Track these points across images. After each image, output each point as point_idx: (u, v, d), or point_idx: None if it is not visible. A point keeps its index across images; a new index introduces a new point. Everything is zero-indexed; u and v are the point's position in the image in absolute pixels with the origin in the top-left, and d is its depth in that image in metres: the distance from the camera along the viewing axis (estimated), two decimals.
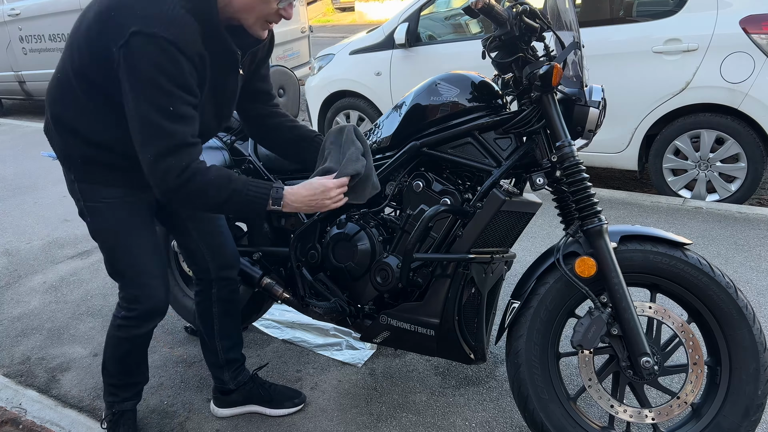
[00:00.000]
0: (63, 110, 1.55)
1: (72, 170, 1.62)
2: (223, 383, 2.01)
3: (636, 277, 1.66)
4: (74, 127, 1.55)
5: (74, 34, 1.49)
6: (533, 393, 1.71)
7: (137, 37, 1.32)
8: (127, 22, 1.34)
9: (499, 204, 1.66)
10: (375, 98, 4.70)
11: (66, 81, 1.52)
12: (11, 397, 2.20)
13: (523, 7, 1.59)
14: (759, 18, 3.29)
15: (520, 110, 1.72)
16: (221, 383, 2.02)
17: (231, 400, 2.04)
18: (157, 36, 1.32)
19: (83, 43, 1.45)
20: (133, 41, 1.33)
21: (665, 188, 3.82)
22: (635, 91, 3.66)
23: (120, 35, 1.34)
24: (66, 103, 1.54)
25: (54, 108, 1.57)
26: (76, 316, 2.77)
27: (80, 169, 1.61)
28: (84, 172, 1.61)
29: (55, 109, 1.57)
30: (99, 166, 1.60)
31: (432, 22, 4.70)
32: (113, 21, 1.36)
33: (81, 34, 1.46)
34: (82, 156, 1.58)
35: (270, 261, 2.15)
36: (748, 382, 1.57)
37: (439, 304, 1.78)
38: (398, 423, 1.98)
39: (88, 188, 1.63)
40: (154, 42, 1.33)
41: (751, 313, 1.58)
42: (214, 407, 2.07)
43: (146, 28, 1.32)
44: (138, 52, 1.34)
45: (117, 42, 1.35)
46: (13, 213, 4.15)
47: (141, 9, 1.34)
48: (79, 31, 1.47)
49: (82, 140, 1.56)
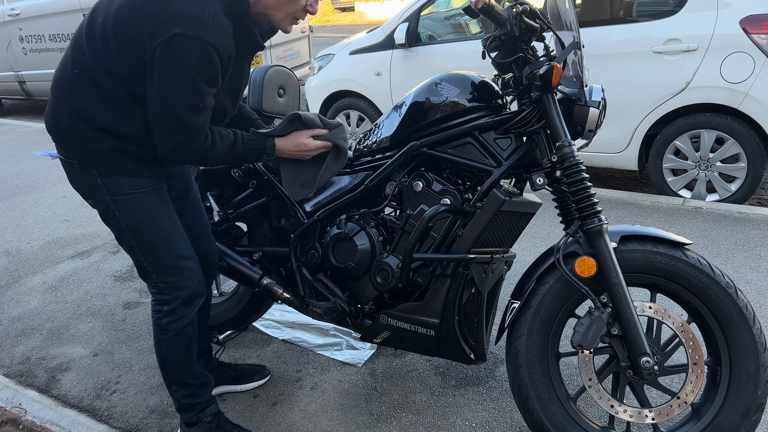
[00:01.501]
0: (85, 103, 1.53)
1: (94, 165, 1.59)
2: None
3: (636, 277, 1.66)
4: (99, 119, 1.53)
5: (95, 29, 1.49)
6: (533, 393, 1.71)
7: (180, 38, 1.38)
8: (170, 21, 1.38)
9: (499, 204, 1.66)
10: (375, 98, 4.70)
11: (86, 75, 1.51)
12: (11, 397, 2.20)
13: (523, 7, 1.59)
14: (759, 18, 3.30)
15: (520, 110, 1.72)
16: None
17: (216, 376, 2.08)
18: (201, 39, 1.39)
19: (111, 36, 1.46)
20: (176, 41, 1.38)
21: (665, 188, 3.82)
22: (635, 91, 3.66)
23: (159, 32, 1.39)
24: (88, 96, 1.53)
25: (72, 102, 1.54)
26: (76, 316, 2.77)
27: (106, 162, 1.58)
28: (110, 164, 1.59)
29: (74, 103, 1.54)
30: (127, 157, 1.59)
31: (432, 22, 4.70)
32: (152, 17, 1.40)
33: (108, 27, 1.46)
34: (111, 147, 1.56)
35: (270, 261, 2.15)
36: (748, 382, 1.57)
37: (439, 304, 1.78)
38: (398, 423, 1.98)
39: (113, 181, 1.61)
40: (197, 45, 1.40)
41: (751, 313, 1.58)
42: None
43: (190, 30, 1.38)
44: (180, 52, 1.40)
45: (155, 38, 1.39)
46: (13, 213, 4.15)
47: (182, 9, 1.39)
48: (102, 25, 1.48)
49: (109, 133, 1.54)
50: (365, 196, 1.96)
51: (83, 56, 1.51)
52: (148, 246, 1.67)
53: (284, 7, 1.56)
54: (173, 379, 1.81)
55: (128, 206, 1.63)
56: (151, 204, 1.66)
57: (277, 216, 2.17)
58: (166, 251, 1.69)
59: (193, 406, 1.84)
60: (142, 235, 1.66)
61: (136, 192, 1.63)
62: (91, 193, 1.64)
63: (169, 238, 1.69)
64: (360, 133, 4.92)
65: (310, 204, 2.05)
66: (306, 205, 2.05)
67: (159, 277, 1.71)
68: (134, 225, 1.65)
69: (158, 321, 1.75)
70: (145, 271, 1.71)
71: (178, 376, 1.81)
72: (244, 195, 2.12)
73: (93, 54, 1.50)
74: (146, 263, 1.69)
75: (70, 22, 6.61)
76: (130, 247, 1.68)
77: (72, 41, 1.56)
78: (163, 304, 1.73)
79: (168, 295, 1.72)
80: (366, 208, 1.96)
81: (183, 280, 1.71)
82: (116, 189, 1.61)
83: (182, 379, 1.82)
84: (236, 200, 2.14)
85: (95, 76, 1.51)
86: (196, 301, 1.76)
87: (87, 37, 1.51)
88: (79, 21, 6.42)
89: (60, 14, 6.69)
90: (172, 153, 1.53)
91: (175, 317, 1.73)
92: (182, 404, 1.84)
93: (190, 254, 1.74)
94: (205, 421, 1.85)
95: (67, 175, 1.67)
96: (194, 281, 1.73)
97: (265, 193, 2.12)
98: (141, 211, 1.65)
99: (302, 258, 2.04)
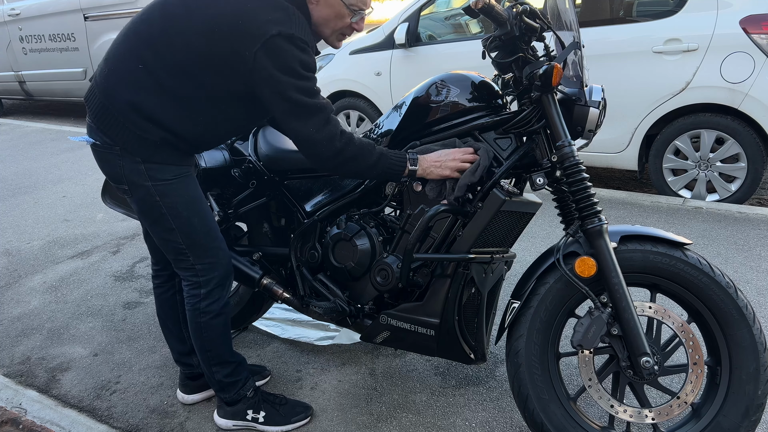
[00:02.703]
0: (146, 98, 1.58)
1: (138, 152, 1.63)
2: (193, 368, 2.07)
3: (636, 277, 1.66)
4: (156, 114, 1.59)
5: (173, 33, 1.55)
6: (533, 393, 1.71)
7: (277, 38, 1.50)
8: (262, 27, 1.50)
9: (499, 204, 1.66)
10: (375, 98, 4.70)
11: (153, 72, 1.57)
12: (11, 397, 2.20)
13: (523, 7, 1.59)
14: (759, 18, 3.30)
15: (520, 110, 1.72)
16: (190, 368, 2.07)
17: (199, 384, 2.10)
18: (295, 36, 1.52)
19: (194, 45, 1.54)
20: (275, 42, 1.50)
21: (665, 188, 3.82)
22: (635, 91, 3.66)
23: (255, 39, 1.50)
24: (150, 92, 1.58)
25: (132, 95, 1.58)
26: (76, 316, 2.77)
27: (152, 151, 1.63)
28: (155, 153, 1.64)
29: (133, 96, 1.58)
30: (173, 148, 1.66)
31: (432, 22, 4.71)
32: (243, 27, 1.51)
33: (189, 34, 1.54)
34: (161, 139, 1.62)
35: (270, 261, 2.15)
36: (748, 382, 1.57)
37: (439, 304, 1.78)
38: (398, 423, 1.98)
39: (157, 168, 1.65)
40: (293, 41, 1.52)
41: (751, 313, 1.58)
42: (183, 395, 2.10)
43: (285, 30, 1.51)
44: (281, 51, 1.51)
45: (251, 46, 1.50)
46: (13, 213, 4.15)
47: (270, 14, 1.52)
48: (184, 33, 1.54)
49: (164, 127, 1.61)
50: (365, 196, 1.96)
51: (154, 55, 1.57)
52: (187, 228, 1.72)
53: (331, 23, 1.66)
54: (214, 360, 1.88)
55: (171, 191, 1.68)
56: (191, 187, 1.73)
57: (277, 216, 2.17)
58: (205, 232, 1.75)
59: (235, 384, 1.92)
60: (183, 218, 1.71)
61: (178, 177, 1.69)
62: (130, 178, 1.67)
63: (207, 219, 1.76)
64: (360, 133, 4.93)
65: (310, 204, 2.05)
66: (306, 205, 2.05)
67: (196, 259, 1.76)
68: (176, 209, 1.70)
69: (196, 305, 1.81)
70: (182, 253, 1.75)
71: (219, 357, 1.88)
72: (244, 195, 2.13)
73: (170, 55, 1.56)
74: (184, 246, 1.74)
75: (70, 22, 6.61)
76: (168, 230, 1.72)
77: (138, 36, 1.60)
78: (200, 287, 1.79)
79: (204, 276, 1.78)
80: (366, 208, 1.96)
81: (218, 260, 1.78)
82: (159, 175, 1.66)
83: (223, 359, 1.89)
84: (236, 200, 2.14)
85: (163, 75, 1.57)
86: (229, 281, 1.84)
87: (161, 37, 1.56)
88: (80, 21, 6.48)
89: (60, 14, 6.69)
90: (320, 136, 1.58)
91: (213, 299, 1.80)
92: (224, 384, 1.91)
93: (221, 236, 1.81)
94: (248, 395, 1.94)
95: (101, 161, 1.71)
96: (226, 259, 1.81)
97: (265, 193, 2.12)
98: (183, 194, 1.71)
99: (302, 258, 2.04)
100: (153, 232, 1.77)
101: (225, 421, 1.96)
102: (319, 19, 1.64)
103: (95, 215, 4.03)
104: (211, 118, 1.65)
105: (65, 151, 5.73)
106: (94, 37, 6.50)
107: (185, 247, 1.74)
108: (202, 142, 1.72)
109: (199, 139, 1.69)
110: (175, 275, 2.00)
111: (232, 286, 1.89)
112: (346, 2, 1.63)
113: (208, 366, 1.89)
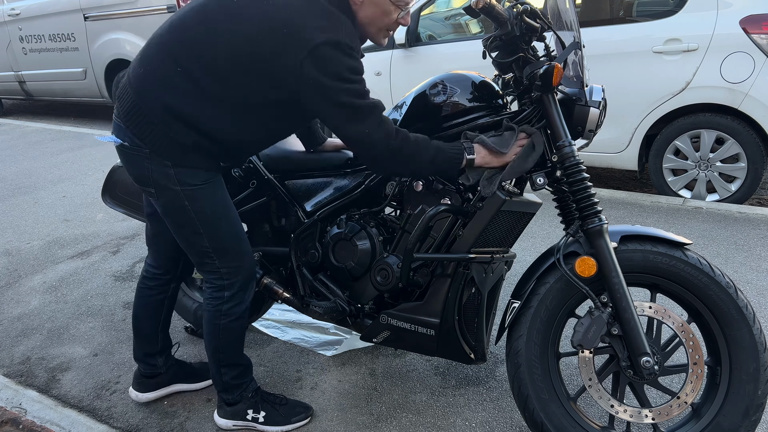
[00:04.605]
0: (182, 100, 1.58)
1: (169, 155, 1.62)
2: (156, 368, 2.09)
3: (636, 277, 1.66)
4: (193, 118, 1.59)
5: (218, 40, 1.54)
6: (533, 393, 1.71)
7: (325, 47, 1.49)
8: (310, 37, 1.48)
9: (499, 204, 1.66)
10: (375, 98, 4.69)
11: (191, 76, 1.56)
12: (11, 397, 2.20)
13: (524, 6, 1.59)
14: (759, 18, 3.30)
15: (520, 110, 1.72)
16: (152, 369, 2.09)
17: (156, 382, 2.11)
18: (342, 43, 1.51)
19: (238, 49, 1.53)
20: (322, 50, 1.49)
21: (665, 188, 3.82)
22: (635, 91, 3.66)
23: (301, 48, 1.48)
24: (188, 95, 1.58)
25: (168, 97, 1.57)
26: (76, 316, 2.77)
27: (183, 154, 1.62)
28: (187, 157, 1.63)
29: (170, 98, 1.57)
30: (206, 153, 1.65)
31: (432, 22, 4.71)
32: (290, 36, 1.49)
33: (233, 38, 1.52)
34: (194, 142, 1.61)
35: (270, 261, 2.15)
36: (748, 382, 1.57)
37: (439, 303, 1.78)
38: (398, 423, 1.98)
39: (188, 172, 1.65)
40: (340, 48, 1.51)
41: (751, 313, 1.58)
42: (137, 393, 2.10)
43: (332, 37, 1.49)
44: (328, 59, 1.50)
45: (298, 54, 1.49)
46: (13, 213, 4.15)
47: (315, 21, 1.50)
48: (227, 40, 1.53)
49: (199, 131, 1.60)
50: (365, 196, 1.96)
51: (194, 58, 1.56)
52: (215, 232, 1.72)
53: (377, 21, 1.63)
54: (225, 362, 1.89)
55: (199, 195, 1.68)
56: (219, 192, 1.73)
57: (277, 216, 2.17)
58: (233, 236, 1.76)
59: (239, 385, 1.94)
60: (210, 222, 1.71)
61: (207, 182, 1.69)
62: (158, 181, 1.66)
63: (234, 223, 1.76)
64: None
65: (310, 203, 2.05)
66: (306, 205, 2.05)
67: (222, 262, 1.76)
68: (204, 214, 1.70)
69: (218, 307, 1.81)
70: (208, 256, 1.75)
71: (230, 359, 1.89)
72: (244, 195, 2.12)
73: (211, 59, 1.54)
74: (211, 249, 1.74)
75: (70, 22, 6.61)
76: (195, 234, 1.72)
77: (176, 38, 1.58)
78: (224, 290, 1.79)
79: (229, 279, 1.78)
80: (366, 208, 1.96)
81: (244, 263, 1.79)
82: (189, 180, 1.66)
83: (234, 361, 1.90)
84: (236, 200, 2.14)
85: (203, 78, 1.56)
86: (252, 284, 1.85)
87: (202, 40, 1.55)
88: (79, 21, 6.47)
89: (60, 14, 6.68)
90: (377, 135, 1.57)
91: (236, 302, 1.81)
92: (229, 385, 1.92)
93: (247, 239, 1.81)
94: (247, 396, 1.95)
95: (128, 162, 1.69)
96: (251, 262, 1.82)
97: (265, 193, 2.12)
98: (211, 199, 1.71)
99: (302, 258, 2.04)
100: (178, 234, 1.76)
101: (225, 421, 1.96)
102: (365, 19, 1.62)
103: (95, 215, 4.03)
104: (250, 123, 1.64)
105: (65, 151, 5.73)
106: (94, 37, 6.50)
107: (211, 251, 1.74)
108: (236, 147, 1.71)
109: (235, 144, 1.68)
110: (172, 281, 2.02)
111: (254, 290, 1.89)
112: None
113: (218, 367, 1.89)
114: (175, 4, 5.75)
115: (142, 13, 6.06)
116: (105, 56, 6.47)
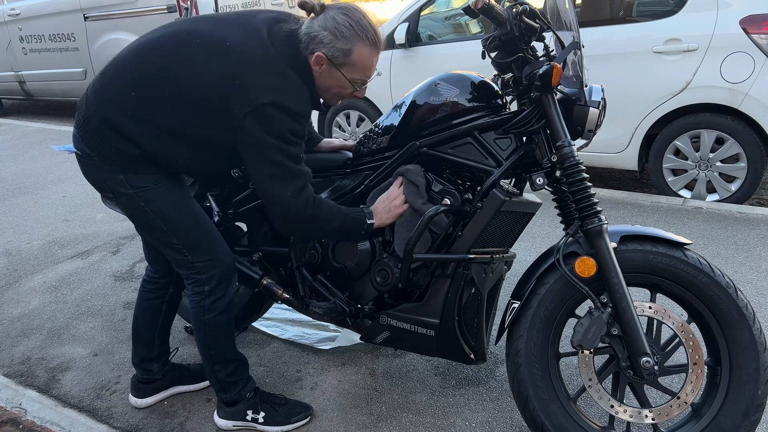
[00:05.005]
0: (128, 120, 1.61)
1: (117, 163, 1.65)
2: (152, 374, 2.09)
3: (636, 277, 1.66)
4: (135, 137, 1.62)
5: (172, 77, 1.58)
6: (533, 393, 1.71)
7: (268, 107, 1.53)
8: (257, 95, 1.53)
9: (499, 204, 1.66)
10: (375, 98, 4.70)
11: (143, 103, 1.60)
12: (11, 397, 2.20)
13: (523, 7, 1.59)
14: (759, 18, 3.29)
15: (520, 110, 1.72)
16: (149, 374, 2.09)
17: (153, 387, 2.12)
18: (287, 107, 1.55)
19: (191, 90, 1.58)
20: (266, 110, 1.53)
21: (665, 188, 3.82)
22: (635, 91, 3.66)
23: (247, 103, 1.53)
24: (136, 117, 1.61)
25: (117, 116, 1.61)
26: (76, 316, 2.77)
27: (130, 163, 1.65)
28: (134, 165, 1.66)
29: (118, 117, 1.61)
30: (152, 163, 1.68)
31: (432, 22, 4.71)
32: (240, 89, 1.54)
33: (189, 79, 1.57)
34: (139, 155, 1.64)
35: (270, 261, 2.15)
36: (748, 382, 1.57)
37: (439, 304, 1.78)
38: (398, 423, 1.98)
39: (137, 177, 1.68)
40: (284, 110, 1.55)
41: (751, 313, 1.58)
42: (136, 399, 2.11)
43: (278, 100, 1.54)
44: (271, 119, 1.54)
45: (243, 108, 1.54)
46: (13, 213, 4.15)
47: (267, 81, 1.54)
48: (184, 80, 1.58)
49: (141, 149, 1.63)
50: (365, 197, 1.96)
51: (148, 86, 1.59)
52: (179, 228, 1.74)
53: (332, 90, 1.69)
54: (216, 358, 1.89)
55: (152, 196, 1.70)
56: (175, 189, 1.75)
57: None
58: (201, 231, 1.78)
59: (235, 383, 1.93)
60: (173, 220, 1.73)
61: (158, 184, 1.70)
62: (112, 187, 1.70)
63: (198, 218, 1.78)
64: (360, 133, 4.92)
65: None
66: None
67: (195, 257, 1.78)
68: (163, 212, 1.72)
69: (201, 303, 1.81)
70: (180, 253, 1.77)
71: (221, 355, 1.89)
72: (244, 195, 2.12)
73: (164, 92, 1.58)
74: (181, 246, 1.76)
75: (70, 22, 6.61)
76: (161, 232, 1.74)
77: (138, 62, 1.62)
78: (203, 284, 1.80)
79: (206, 273, 1.79)
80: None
81: (218, 256, 1.80)
82: (139, 183, 1.68)
83: (226, 357, 1.90)
84: (236, 200, 2.14)
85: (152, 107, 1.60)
86: (233, 277, 1.86)
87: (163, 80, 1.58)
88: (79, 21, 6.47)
89: (60, 14, 6.68)
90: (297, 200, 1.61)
91: (218, 296, 1.82)
92: (225, 383, 1.92)
93: (217, 233, 1.83)
94: (247, 396, 1.95)
95: (84, 170, 1.73)
96: (227, 256, 1.83)
97: None
98: (167, 198, 1.73)
99: (302, 258, 2.04)
100: (148, 235, 1.79)
101: (225, 422, 1.96)
102: (323, 86, 1.67)
103: (95, 215, 4.03)
104: (188, 156, 1.68)
105: None
106: (94, 37, 6.50)
107: (182, 247, 1.76)
108: (175, 170, 1.75)
109: (173, 167, 1.72)
110: (170, 284, 2.03)
111: (236, 283, 1.91)
112: (348, 77, 1.64)
113: (211, 364, 1.90)
114: (175, 4, 5.75)
115: (142, 13, 6.06)
116: (105, 56, 6.46)
